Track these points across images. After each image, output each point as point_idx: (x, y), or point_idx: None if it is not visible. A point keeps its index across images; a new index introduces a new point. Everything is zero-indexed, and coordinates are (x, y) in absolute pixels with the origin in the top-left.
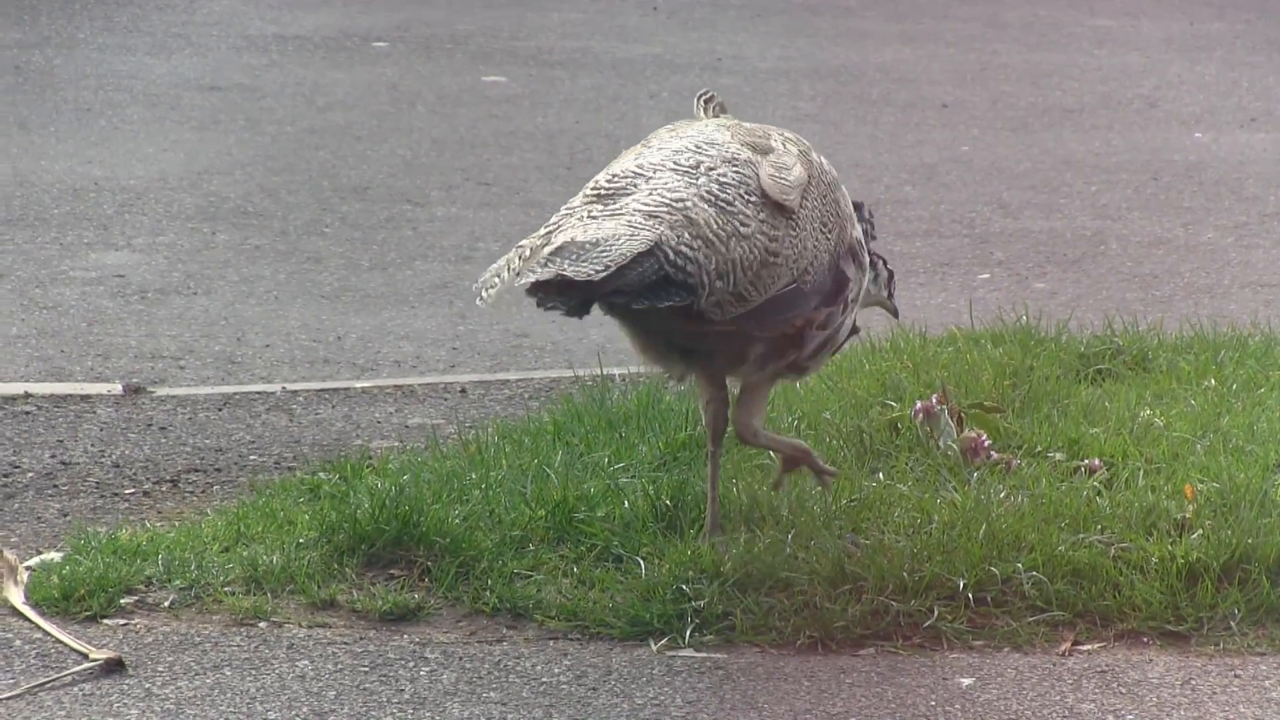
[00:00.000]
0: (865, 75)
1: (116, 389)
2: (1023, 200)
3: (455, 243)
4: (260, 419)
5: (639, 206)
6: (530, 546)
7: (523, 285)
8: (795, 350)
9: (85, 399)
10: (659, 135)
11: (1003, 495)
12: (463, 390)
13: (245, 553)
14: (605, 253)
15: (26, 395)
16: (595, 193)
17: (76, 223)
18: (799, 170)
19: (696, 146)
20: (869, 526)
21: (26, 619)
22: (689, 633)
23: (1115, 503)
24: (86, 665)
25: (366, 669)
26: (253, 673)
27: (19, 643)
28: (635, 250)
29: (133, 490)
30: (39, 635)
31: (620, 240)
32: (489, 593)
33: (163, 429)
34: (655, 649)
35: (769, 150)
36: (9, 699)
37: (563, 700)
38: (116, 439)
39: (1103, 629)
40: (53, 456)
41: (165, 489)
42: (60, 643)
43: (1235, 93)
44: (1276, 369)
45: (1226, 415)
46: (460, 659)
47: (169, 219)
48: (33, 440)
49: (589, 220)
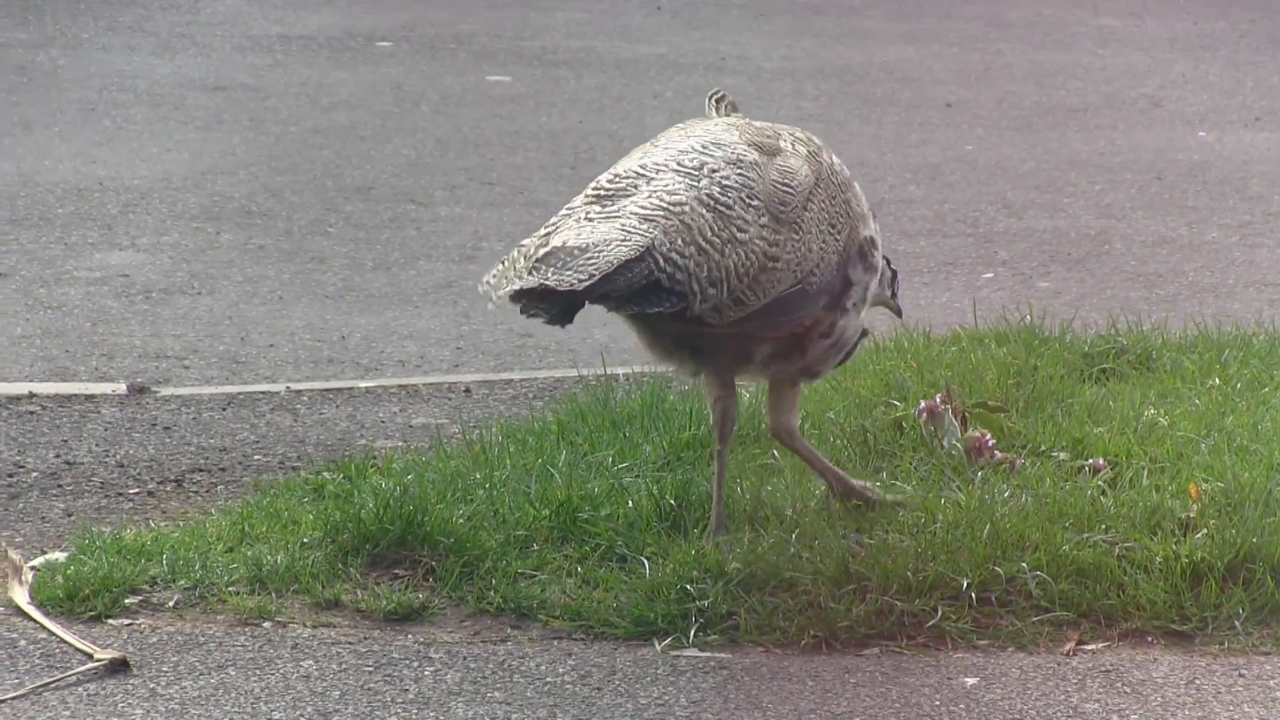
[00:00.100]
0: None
1: (121, 389)
2: (1027, 200)
3: (459, 242)
4: (264, 419)
5: (635, 209)
6: (534, 546)
7: (506, 293)
8: (800, 352)
9: (90, 399)
10: (668, 134)
11: (1007, 495)
12: (467, 390)
13: (249, 552)
14: (591, 260)
15: (31, 395)
16: (596, 193)
17: (81, 222)
18: (805, 173)
19: (702, 147)
20: (873, 526)
21: (31, 619)
22: (693, 632)
23: (1119, 502)
24: (91, 665)
25: (371, 669)
26: (257, 673)
27: (23, 643)
28: (623, 257)
29: (137, 490)
30: (43, 635)
31: (610, 246)
32: (493, 592)
33: (167, 429)
34: (659, 649)
35: (777, 151)
36: (14, 699)
37: (567, 700)
38: (121, 439)
39: (1107, 629)
40: (57, 456)
41: (170, 489)
42: (65, 643)
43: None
44: None
45: (1231, 414)
46: (465, 659)
47: (173, 219)
48: (37, 440)
49: (585, 223)
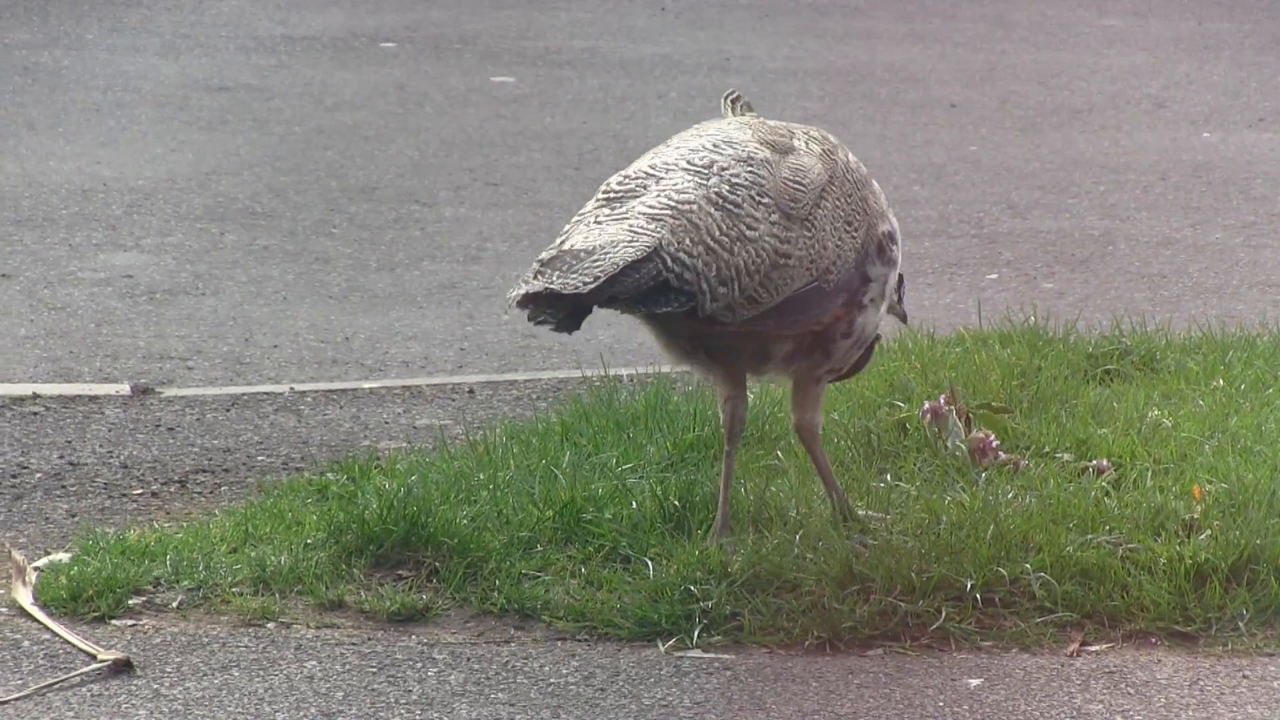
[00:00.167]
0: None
1: (124, 390)
2: (1031, 200)
3: (463, 243)
4: (268, 420)
5: (644, 209)
6: (538, 547)
7: (513, 298)
8: (823, 352)
9: (93, 400)
10: (682, 134)
11: (1011, 496)
12: (471, 391)
13: (253, 553)
14: (598, 262)
15: (35, 396)
16: (606, 195)
17: (85, 223)
18: (818, 171)
19: (714, 145)
20: (877, 527)
21: (35, 620)
22: (697, 633)
23: (1123, 503)
24: (95, 666)
25: (374, 670)
26: (261, 673)
27: (27, 643)
28: (630, 258)
29: (141, 491)
30: (47, 636)
31: (616, 248)
32: (497, 593)
33: (171, 430)
34: (663, 650)
35: (790, 150)
36: (18, 699)
37: (571, 701)
38: (124, 440)
39: (1111, 630)
40: (61, 457)
41: (173, 490)
42: (68, 643)
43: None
44: None
45: (1235, 416)
46: (468, 660)
47: (177, 219)
48: (41, 441)
49: (594, 226)
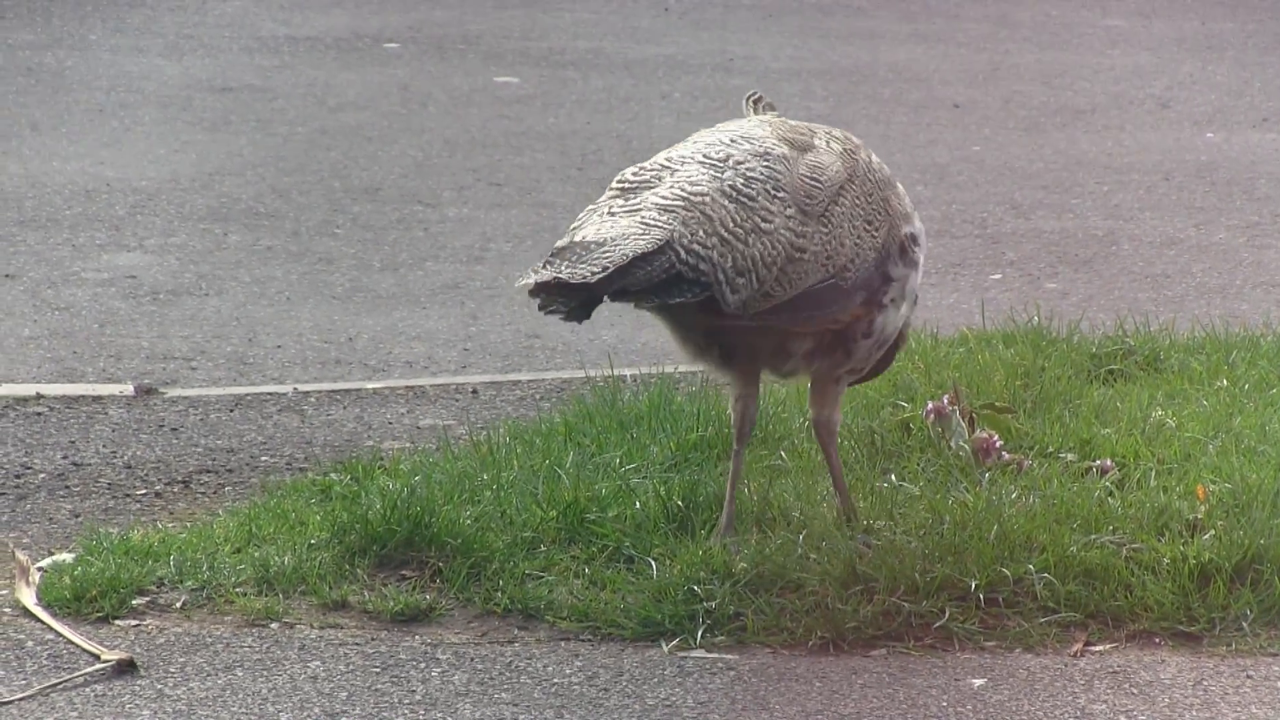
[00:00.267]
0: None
1: (128, 390)
2: (1034, 200)
3: (467, 243)
4: (272, 420)
5: (656, 201)
6: (542, 547)
7: (523, 287)
8: (843, 349)
9: (97, 400)
10: (701, 131)
11: (1014, 496)
12: (474, 391)
13: (257, 554)
14: (607, 254)
15: (38, 396)
16: (621, 186)
17: (88, 224)
18: (836, 169)
19: (730, 140)
20: (880, 527)
21: (38, 620)
22: (700, 633)
23: (1127, 503)
24: (98, 666)
25: (378, 670)
26: (264, 674)
27: (31, 644)
28: (640, 250)
29: (144, 491)
30: (51, 636)
31: (627, 240)
32: (500, 593)
33: (174, 430)
34: (667, 650)
35: (809, 148)
36: (21, 699)
37: (574, 701)
38: (128, 440)
39: (1114, 630)
40: (64, 457)
41: (177, 490)
42: (72, 644)
43: (1247, 92)
44: None
45: (1238, 416)
46: (472, 660)
47: (181, 220)
48: (44, 441)
49: (606, 217)
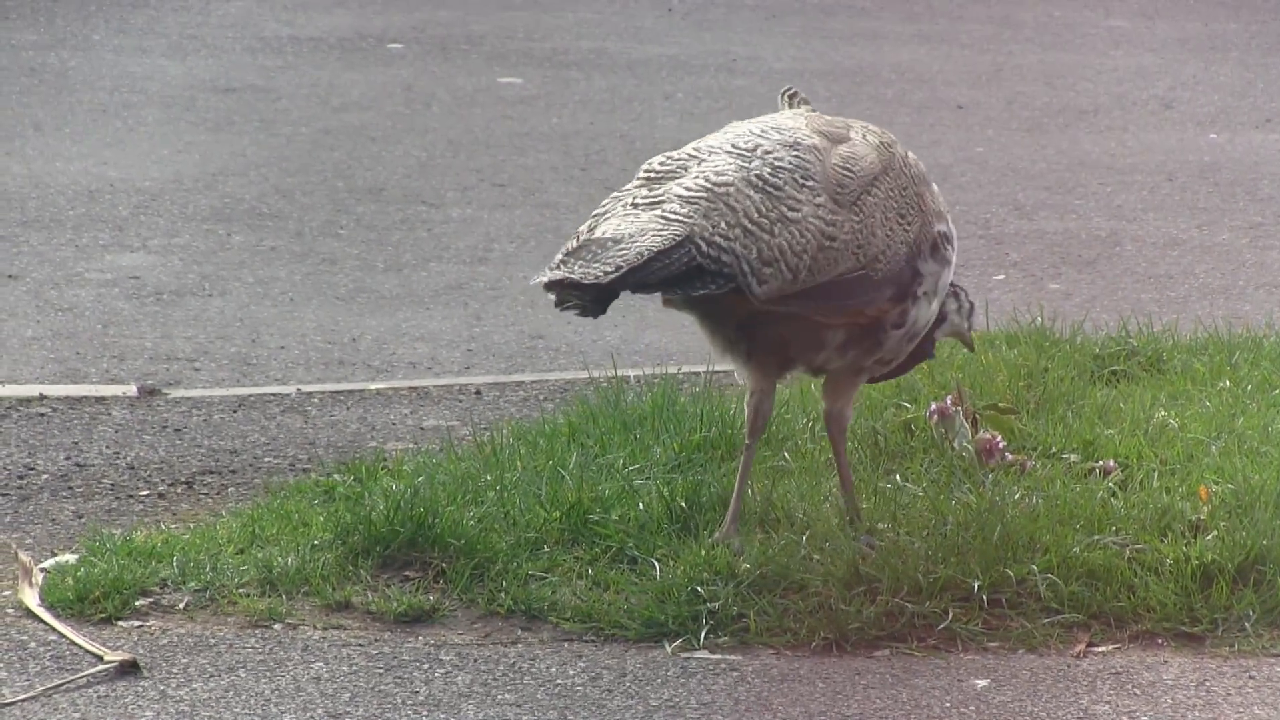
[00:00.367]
0: (880, 76)
1: (131, 391)
2: (1037, 201)
3: (470, 244)
4: (275, 421)
5: (680, 192)
6: (545, 548)
7: (539, 283)
8: (874, 339)
9: (100, 401)
10: (734, 123)
11: (1017, 497)
12: (478, 392)
13: (260, 554)
14: (623, 251)
15: (41, 397)
16: (647, 175)
17: (92, 224)
18: (871, 160)
19: (761, 131)
20: (884, 528)
21: (41, 621)
22: (704, 634)
23: (1130, 504)
24: (101, 667)
25: (381, 671)
26: (267, 674)
27: (34, 645)
28: (657, 247)
29: (147, 492)
30: (54, 637)
31: (644, 235)
32: (504, 594)
33: (177, 431)
34: (670, 651)
35: (844, 140)
36: (24, 700)
37: (577, 702)
38: (131, 441)
39: (1117, 630)
40: (67, 458)
41: (180, 491)
42: (75, 645)
43: (1250, 93)
44: None
45: (1241, 416)
46: (475, 661)
47: (184, 220)
48: (47, 442)
49: (630, 209)
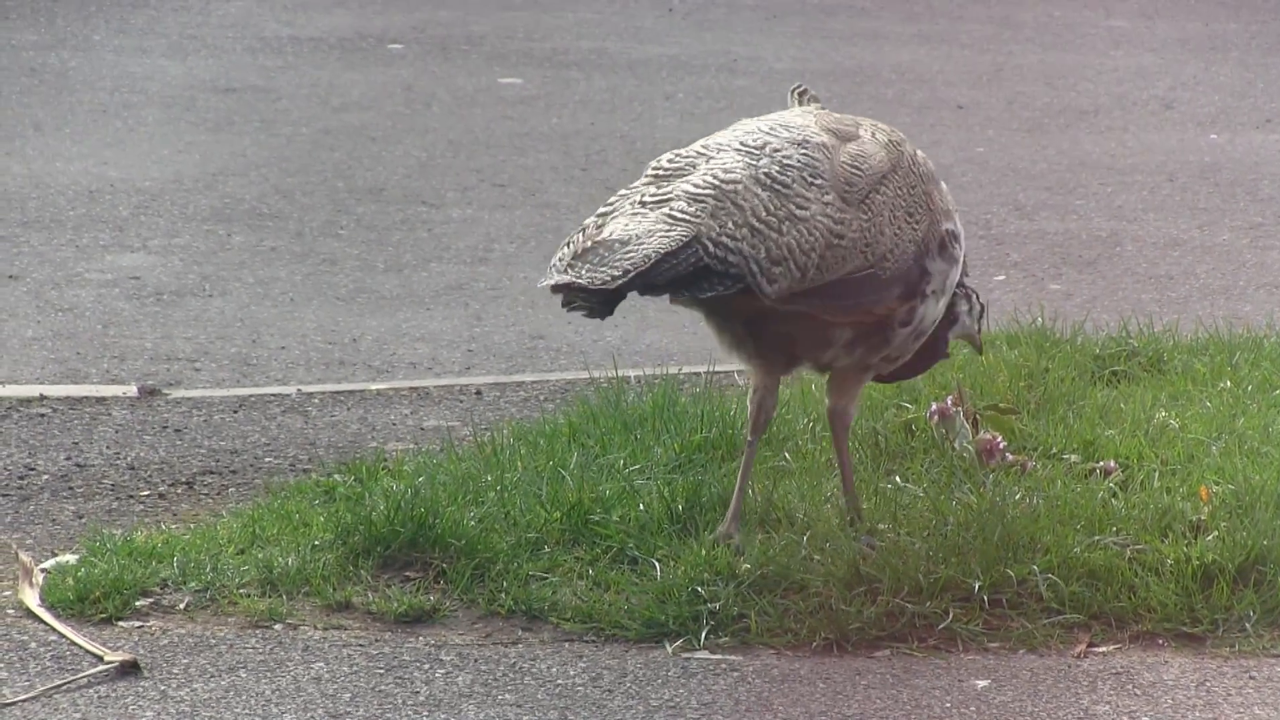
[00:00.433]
0: (880, 76)
1: (132, 391)
2: (1038, 201)
3: (471, 244)
4: (275, 421)
5: (687, 190)
6: (545, 548)
7: (546, 286)
8: (881, 335)
9: (100, 401)
10: (744, 120)
11: (1018, 497)
12: (478, 392)
13: (260, 555)
14: (629, 254)
15: (42, 397)
16: (655, 172)
17: (92, 224)
18: (880, 158)
19: (769, 129)
20: (884, 529)
21: (42, 621)
22: (704, 635)
23: (1130, 504)
24: (102, 667)
25: (382, 671)
26: (268, 675)
27: (34, 645)
28: (664, 249)
29: (148, 492)
30: (54, 637)
31: (651, 238)
32: (504, 595)
33: (178, 431)
34: (670, 651)
35: (853, 138)
36: (25, 701)
37: (578, 702)
38: (132, 441)
39: (1118, 631)
40: (68, 459)
41: (180, 491)
42: (75, 645)
43: (1251, 94)
44: None
45: (1242, 417)
46: (476, 661)
47: (184, 221)
48: (48, 442)
49: (637, 209)
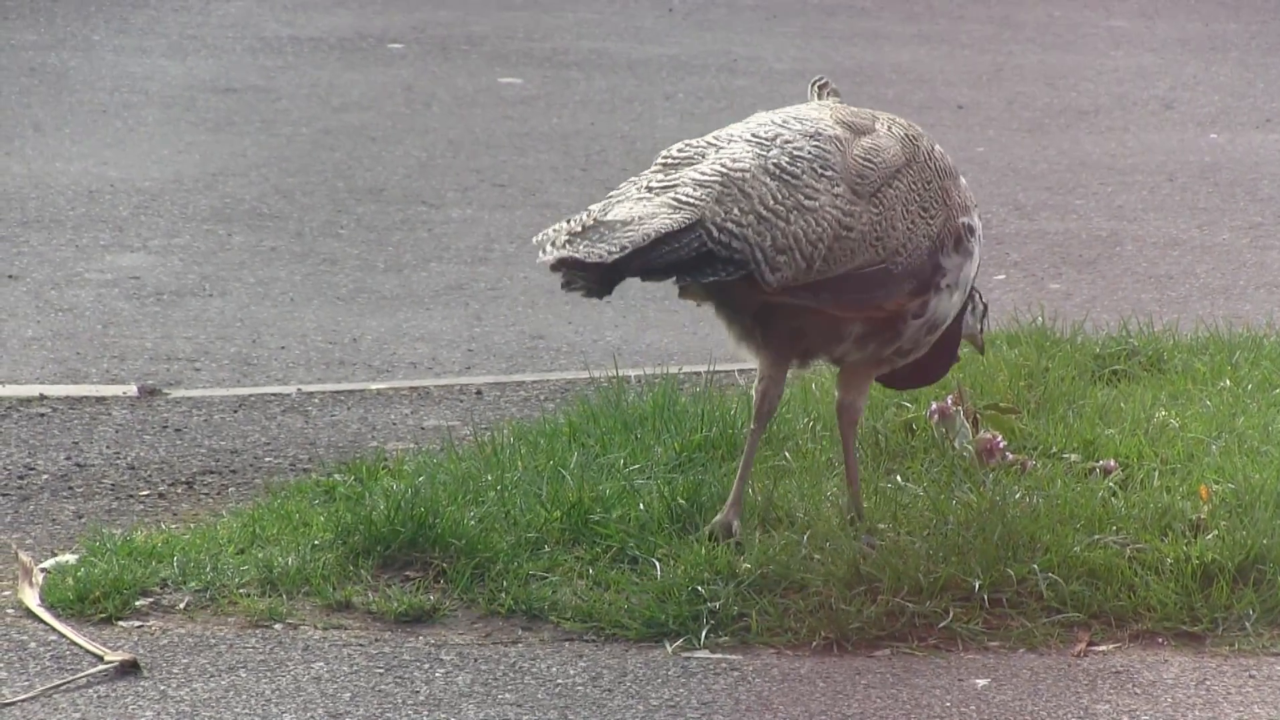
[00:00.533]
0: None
1: (132, 391)
2: (1038, 201)
3: (471, 244)
4: (275, 421)
5: (694, 177)
6: (546, 548)
7: (544, 263)
8: (892, 328)
9: (100, 401)
10: (759, 113)
11: (1018, 496)
12: (478, 392)
13: (260, 554)
14: (630, 232)
15: (42, 397)
16: (664, 160)
17: (92, 224)
18: (894, 152)
19: (782, 121)
20: (884, 528)
21: (42, 621)
22: (704, 634)
23: (1130, 504)
24: (102, 667)
25: (382, 670)
26: (268, 674)
27: (34, 645)
28: (664, 229)
29: (148, 492)
30: (54, 637)
31: (654, 219)
32: (504, 594)
33: (178, 431)
34: (671, 650)
35: (868, 131)
36: (25, 701)
37: (578, 702)
38: (132, 441)
39: (1118, 630)
40: (68, 458)
41: (180, 491)
42: (75, 645)
43: (1250, 93)
44: None
45: (1241, 416)
46: (476, 660)
47: (184, 220)
48: (48, 442)
49: (644, 193)
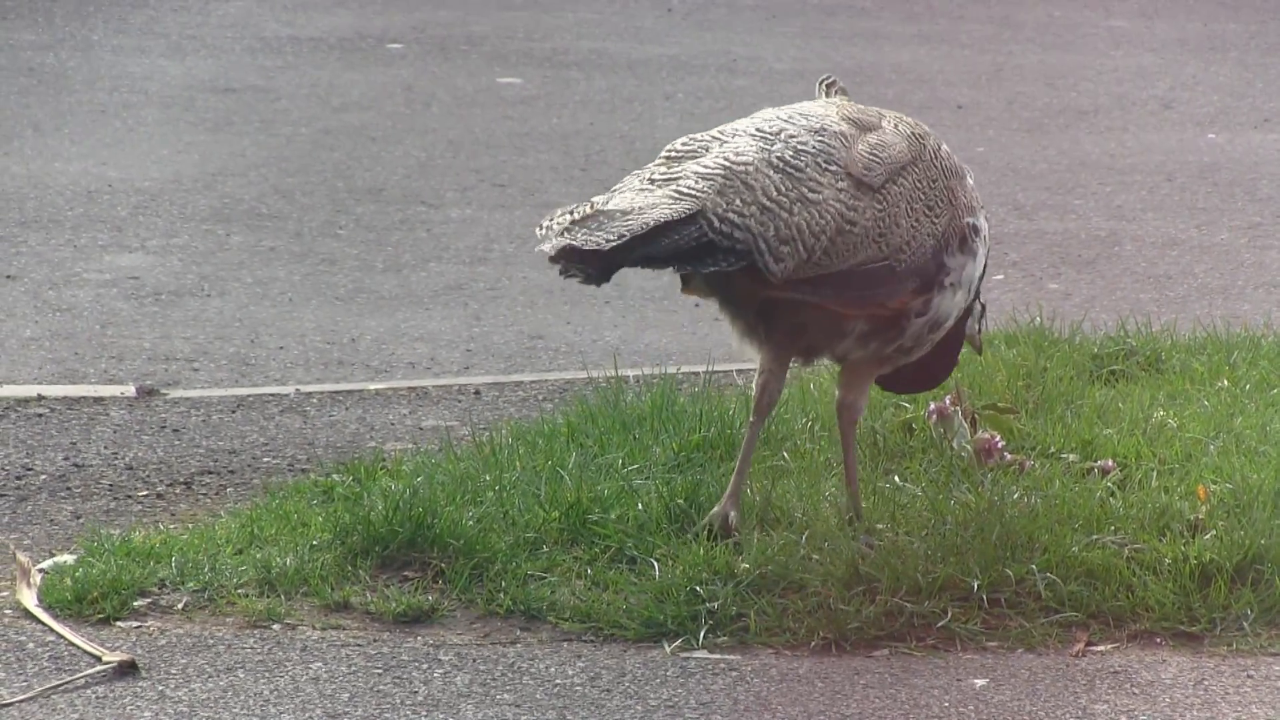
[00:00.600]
0: (880, 76)
1: (130, 391)
2: (1037, 201)
3: (470, 244)
4: (274, 421)
5: (696, 169)
6: (544, 548)
7: (542, 251)
8: (896, 326)
9: (98, 401)
10: (765, 109)
11: (1016, 496)
12: (477, 392)
13: (259, 555)
14: (629, 221)
15: (40, 397)
16: (668, 154)
17: (90, 224)
18: (900, 149)
19: (788, 117)
20: (883, 528)
21: (39, 621)
22: (703, 634)
23: (1128, 504)
24: (100, 668)
25: (380, 671)
26: (266, 675)
27: (32, 645)
28: (664, 219)
29: (146, 492)
30: (52, 638)
31: (654, 209)
32: (503, 594)
33: (176, 431)
34: (669, 650)
35: (875, 128)
36: (22, 701)
37: (577, 702)
38: (130, 441)
39: (1116, 630)
40: (66, 459)
41: (179, 491)
42: (73, 645)
43: (1249, 94)
44: None
45: (1240, 416)
46: (474, 661)
47: (183, 221)
48: (46, 442)
49: (645, 185)
